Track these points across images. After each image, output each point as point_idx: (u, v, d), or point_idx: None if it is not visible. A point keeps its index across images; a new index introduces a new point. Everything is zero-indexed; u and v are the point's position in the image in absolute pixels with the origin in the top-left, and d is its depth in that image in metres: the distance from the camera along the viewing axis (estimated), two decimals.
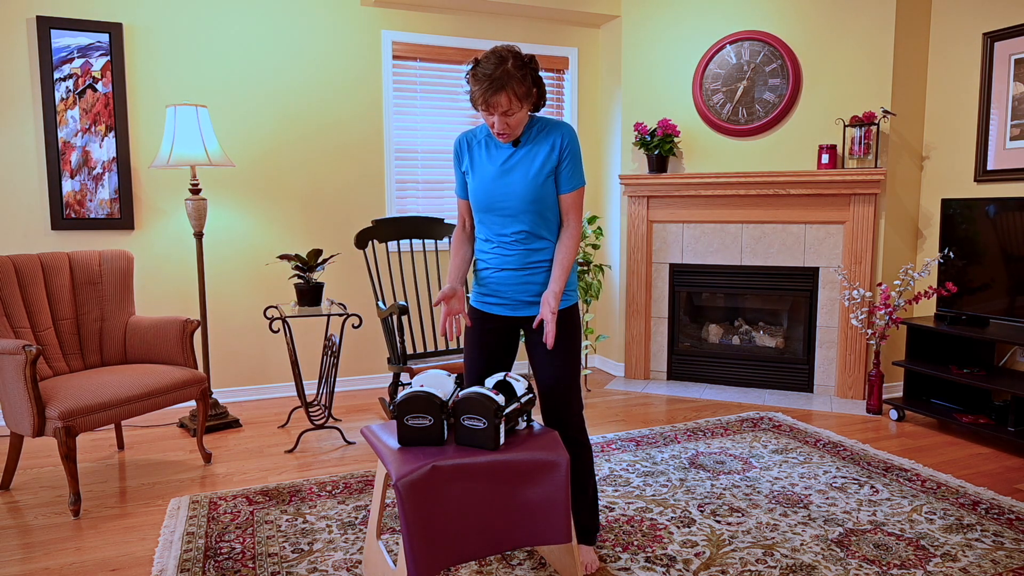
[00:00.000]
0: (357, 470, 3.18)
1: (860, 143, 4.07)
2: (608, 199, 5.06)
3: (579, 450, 2.29)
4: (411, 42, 4.54)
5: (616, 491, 2.92)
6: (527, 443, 2.01)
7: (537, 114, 2.18)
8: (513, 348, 2.34)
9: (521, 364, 5.18)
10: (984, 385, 3.48)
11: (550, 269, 2.21)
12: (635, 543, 2.47)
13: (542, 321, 2.12)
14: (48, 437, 3.49)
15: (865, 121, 4.03)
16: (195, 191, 3.70)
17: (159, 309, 4.11)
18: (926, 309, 4.29)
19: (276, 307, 3.55)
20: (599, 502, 2.80)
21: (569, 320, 2.22)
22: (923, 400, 3.95)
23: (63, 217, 3.84)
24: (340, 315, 3.62)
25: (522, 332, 2.33)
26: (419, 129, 4.64)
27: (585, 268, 4.46)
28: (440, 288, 4.40)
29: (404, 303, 3.51)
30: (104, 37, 3.84)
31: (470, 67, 2.05)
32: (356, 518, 2.68)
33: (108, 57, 3.85)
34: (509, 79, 1.97)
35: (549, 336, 2.07)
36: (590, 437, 3.59)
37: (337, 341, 3.55)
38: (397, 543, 2.46)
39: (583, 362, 5.11)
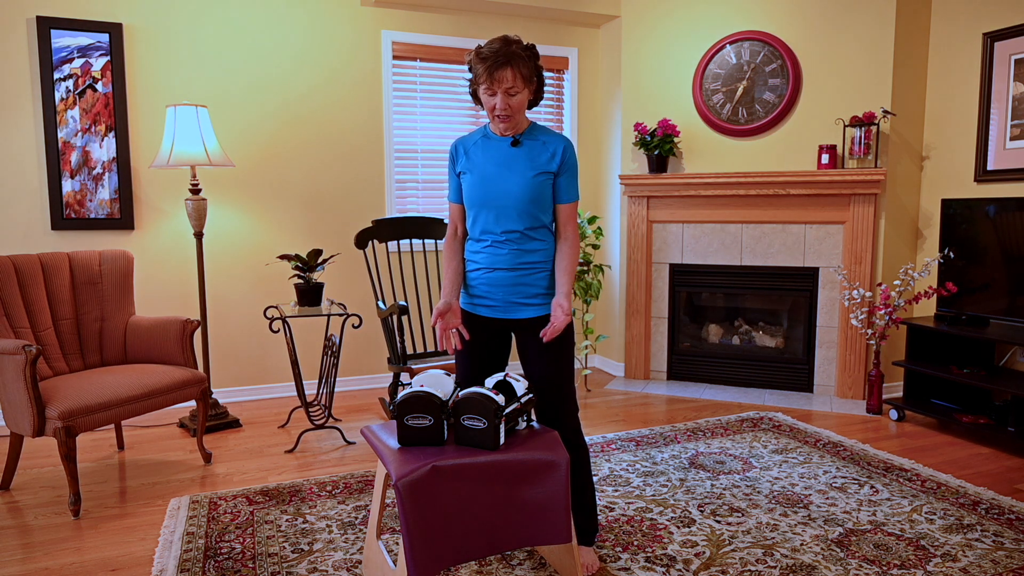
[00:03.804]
0: (357, 470, 3.18)
1: (860, 143, 4.07)
2: (608, 199, 5.06)
3: (575, 451, 2.29)
4: (411, 42, 4.54)
5: (616, 491, 2.92)
6: (527, 443, 2.01)
7: (537, 124, 2.24)
8: (505, 351, 2.34)
9: (514, 365, 5.17)
10: (984, 385, 3.48)
11: (542, 271, 2.21)
12: (635, 543, 2.47)
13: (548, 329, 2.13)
14: (48, 437, 3.49)
15: (865, 121, 4.03)
16: (195, 191, 3.70)
17: (159, 309, 4.11)
18: (926, 309, 4.29)
19: (276, 307, 3.55)
20: (598, 502, 2.81)
21: None
22: (923, 400, 3.95)
23: (63, 217, 3.84)
24: (340, 315, 3.62)
25: (513, 334, 2.32)
26: (419, 129, 4.64)
27: (585, 268, 4.45)
28: (439, 290, 4.40)
29: (404, 303, 3.51)
30: (104, 37, 3.84)
31: (473, 53, 2.10)
32: (356, 518, 2.68)
33: (108, 57, 3.85)
34: (515, 57, 2.05)
35: (550, 330, 2.08)
36: (591, 437, 3.59)
37: (337, 341, 3.55)
38: (397, 543, 2.46)
39: (583, 362, 5.11)
